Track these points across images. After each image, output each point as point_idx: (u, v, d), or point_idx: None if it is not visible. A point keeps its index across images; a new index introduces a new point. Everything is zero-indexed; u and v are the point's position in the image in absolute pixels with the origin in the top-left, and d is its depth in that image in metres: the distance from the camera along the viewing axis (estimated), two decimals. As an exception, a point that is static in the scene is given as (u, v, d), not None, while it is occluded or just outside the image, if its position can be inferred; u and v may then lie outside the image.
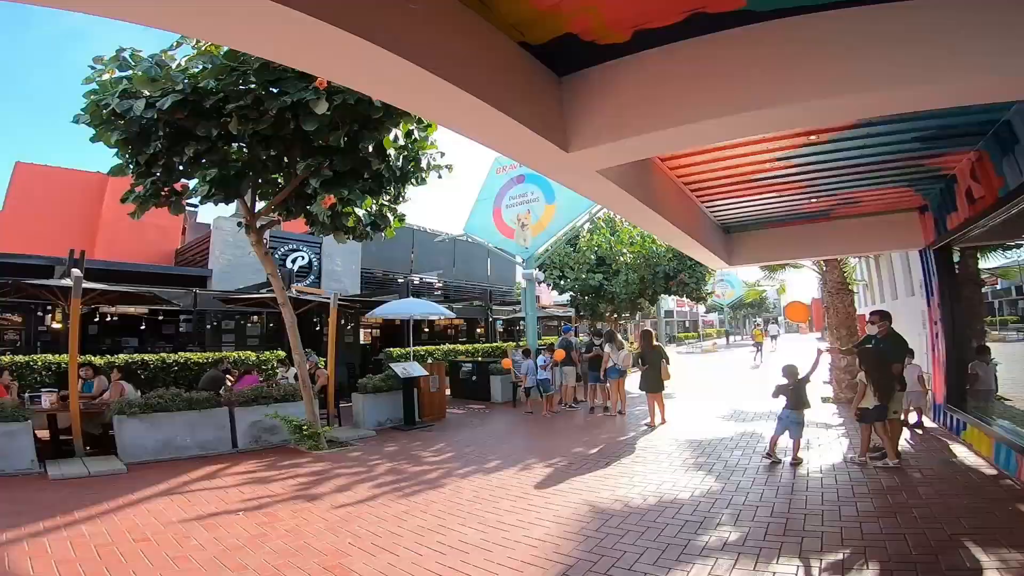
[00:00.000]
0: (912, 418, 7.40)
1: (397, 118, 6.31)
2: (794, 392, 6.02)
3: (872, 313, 6.58)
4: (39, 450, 6.33)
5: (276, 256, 16.48)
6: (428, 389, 9.95)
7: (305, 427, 7.38)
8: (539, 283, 14.91)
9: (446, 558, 3.84)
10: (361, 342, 16.62)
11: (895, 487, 4.97)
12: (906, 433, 6.87)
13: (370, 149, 6.36)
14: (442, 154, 7.61)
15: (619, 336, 10.42)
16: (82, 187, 20.14)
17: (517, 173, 14.41)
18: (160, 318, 14.59)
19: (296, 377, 7.99)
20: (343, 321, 13.21)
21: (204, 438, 7.08)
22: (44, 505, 4.95)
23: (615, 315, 19.29)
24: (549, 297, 29.78)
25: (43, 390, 7.27)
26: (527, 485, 5.66)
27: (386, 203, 7.34)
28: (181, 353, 9.65)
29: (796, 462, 5.88)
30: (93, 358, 8.59)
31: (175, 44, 6.01)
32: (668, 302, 43.78)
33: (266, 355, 10.46)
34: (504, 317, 20.65)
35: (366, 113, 5.94)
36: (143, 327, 14.50)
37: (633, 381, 10.69)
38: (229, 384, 8.25)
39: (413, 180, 7.38)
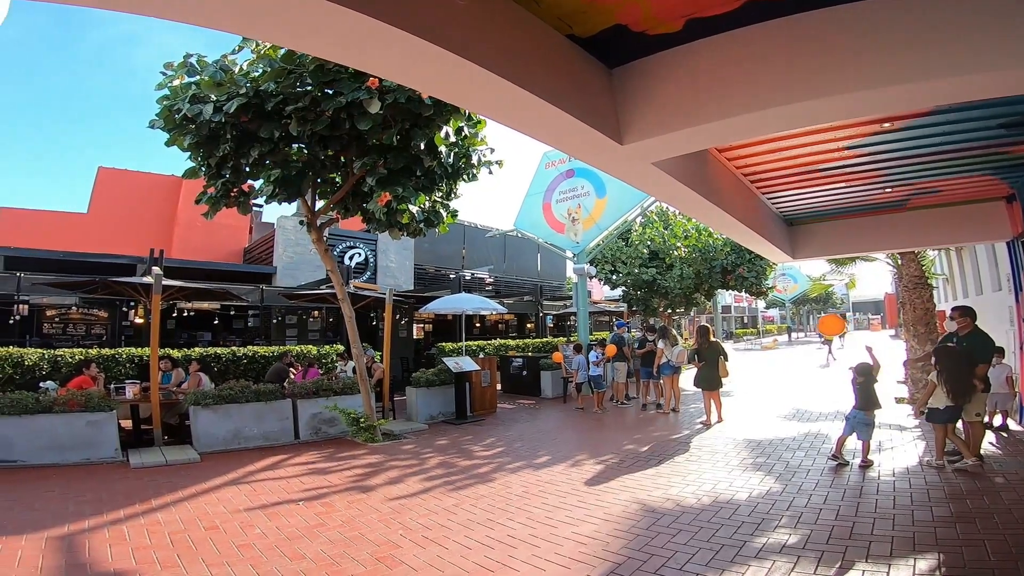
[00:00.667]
0: (997, 420, 6.94)
1: (447, 115, 6.38)
2: (862, 391, 5.70)
3: (953, 309, 6.10)
4: (122, 439, 6.72)
5: (335, 253, 17.11)
6: (479, 384, 10.05)
7: (362, 420, 7.61)
8: (590, 278, 14.73)
9: (493, 552, 3.86)
10: (414, 337, 17.00)
11: (975, 491, 4.64)
12: (990, 436, 6.41)
13: (422, 147, 6.48)
14: (492, 150, 7.65)
15: (673, 332, 10.17)
16: (159, 189, 21.60)
17: (567, 167, 14.30)
18: (232, 313, 15.42)
19: (354, 371, 8.25)
20: (398, 316, 13.54)
21: (269, 429, 7.41)
22: (124, 493, 5.24)
23: (668, 310, 18.80)
24: (600, 292, 29.44)
25: (127, 382, 7.74)
26: (577, 481, 5.63)
27: (438, 199, 7.46)
28: (249, 347, 10.16)
29: (865, 464, 5.59)
30: (171, 351, 9.18)
31: (236, 48, 6.30)
32: (725, 297, 42.40)
33: (326, 349, 10.86)
34: (554, 312, 20.58)
35: (417, 111, 6.04)
36: (216, 322, 15.37)
37: (688, 378, 10.42)
38: (292, 377, 8.62)
39: (464, 176, 7.46)
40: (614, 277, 17.63)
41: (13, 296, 10.27)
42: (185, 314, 15.02)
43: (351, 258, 17.03)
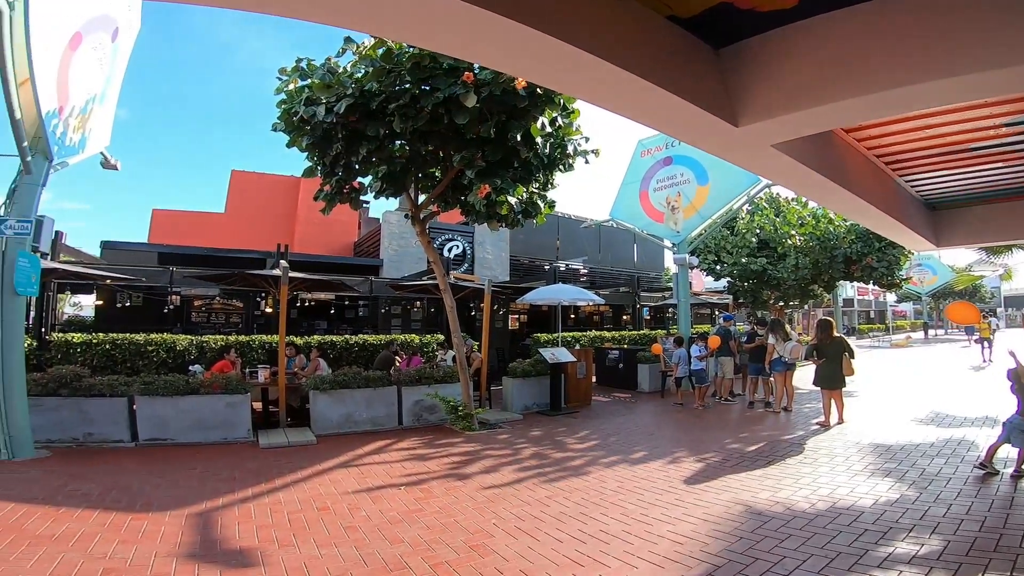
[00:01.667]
0: None
1: (542, 106, 6.37)
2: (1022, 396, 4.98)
3: None
4: (253, 420, 7.25)
5: (435, 245, 17.84)
6: (575, 375, 10.00)
7: (460, 408, 7.86)
8: (692, 268, 14.06)
9: (585, 546, 3.84)
10: (509, 328, 17.28)
11: None
12: None
13: (518, 138, 6.51)
14: (586, 139, 7.56)
15: (785, 325, 9.44)
16: (281, 189, 23.76)
17: (664, 155, 13.78)
18: (347, 303, 16.60)
19: (454, 359, 8.54)
20: (495, 307, 13.84)
21: (376, 414, 7.85)
22: (253, 472, 5.62)
23: (781, 303, 17.44)
24: (701, 283, 28.03)
25: (259, 366, 8.50)
26: (675, 479, 5.47)
27: (536, 190, 7.48)
28: (360, 335, 10.88)
29: (1018, 474, 4.92)
30: (295, 338, 10.05)
31: (340, 51, 6.63)
32: (847, 289, 38.57)
33: (427, 338, 11.35)
34: (652, 304, 19.92)
35: (512, 103, 6.09)
36: (332, 311, 16.62)
37: (802, 375, 9.64)
38: (398, 364, 9.10)
39: (560, 167, 7.42)
40: (718, 267, 16.71)
41: (166, 288, 11.81)
42: (305, 304, 16.39)
43: (450, 250, 17.63)
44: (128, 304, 12.33)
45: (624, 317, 20.17)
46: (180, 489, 4.98)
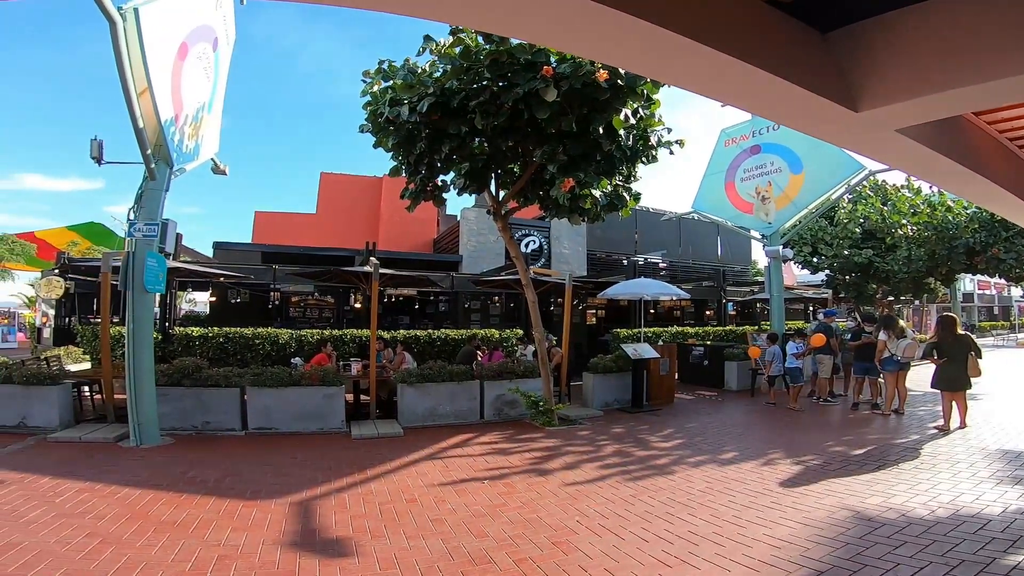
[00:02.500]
0: None
1: (624, 98, 6.23)
2: None
3: None
4: (346, 411, 7.48)
5: (514, 240, 18.00)
6: (657, 372, 9.73)
7: (541, 403, 7.86)
8: (786, 262, 13.22)
9: (673, 547, 3.74)
10: (585, 323, 17.09)
11: None
12: None
13: (600, 131, 6.41)
14: (669, 130, 7.31)
15: (900, 322, 8.65)
16: (366, 189, 24.96)
17: (751, 144, 13.08)
18: (429, 298, 17.16)
19: (534, 354, 8.58)
20: (575, 302, 13.76)
21: (459, 408, 8.00)
22: (347, 462, 5.80)
23: (890, 297, 15.98)
24: (792, 276, 26.30)
25: (351, 359, 8.95)
26: (770, 481, 5.21)
27: (619, 183, 7.34)
28: (442, 330, 11.22)
29: None
30: (382, 333, 10.54)
31: (420, 50, 6.77)
32: (966, 283, 34.68)
33: (506, 333, 11.50)
34: (739, 299, 18.95)
35: (593, 96, 6.00)
36: (416, 307, 17.24)
37: (916, 376, 8.81)
38: (479, 359, 9.28)
39: (643, 158, 7.23)
40: (815, 260, 15.61)
41: (268, 285, 12.79)
42: (389, 299, 17.12)
43: (526, 245, 17.72)
44: (238, 300, 13.49)
45: (707, 312, 19.34)
46: (283, 477, 5.26)
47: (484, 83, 6.24)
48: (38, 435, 6.44)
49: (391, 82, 6.98)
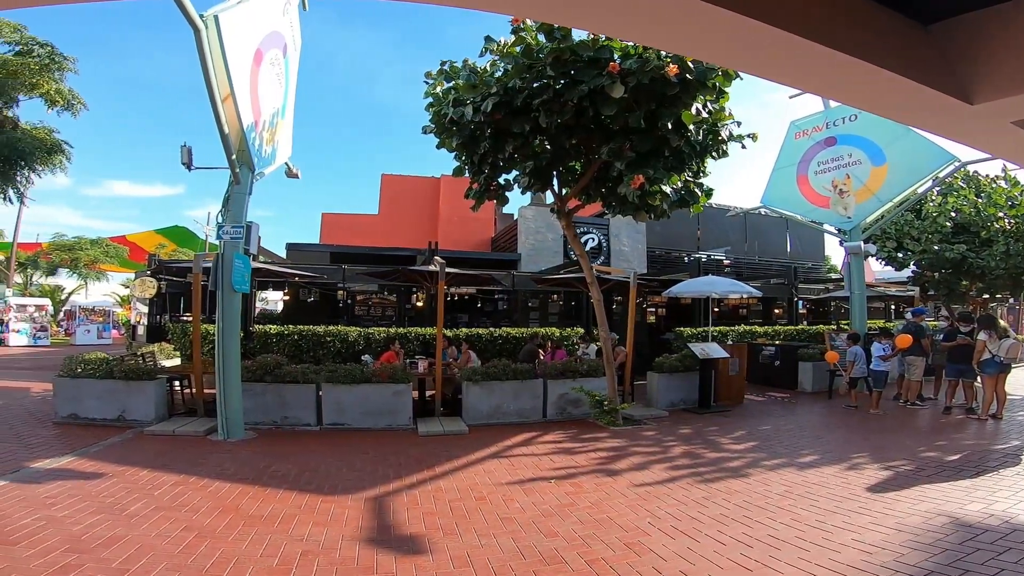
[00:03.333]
0: None
1: (694, 92, 6.07)
2: None
3: None
4: (413, 408, 7.73)
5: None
6: (726, 372, 9.43)
7: (605, 403, 7.78)
8: (868, 257, 12.48)
9: (752, 551, 3.65)
10: (646, 321, 16.74)
11: None
12: None
13: (668, 126, 6.28)
14: (739, 124, 7.04)
15: (1001, 322, 8.00)
16: (424, 190, 25.50)
17: (824, 135, 12.46)
18: (491, 296, 17.35)
19: (597, 353, 8.49)
20: (639, 300, 13.52)
21: (522, 406, 8.01)
22: (416, 459, 5.92)
23: (985, 295, 14.72)
24: (871, 273, 24.73)
25: (417, 357, 9.13)
26: (856, 486, 5.01)
27: (690, 179, 7.16)
28: (503, 328, 11.31)
29: None
30: (445, 331, 10.71)
31: (482, 51, 6.76)
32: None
33: (567, 331, 11.44)
34: (813, 297, 17.99)
35: (662, 91, 5.87)
36: (479, 305, 17.48)
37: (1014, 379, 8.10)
38: (542, 357, 9.27)
39: (713, 153, 7.01)
40: (900, 256, 14.59)
41: (336, 284, 13.33)
42: (450, 298, 17.42)
43: (585, 243, 17.54)
44: (312, 299, 14.15)
45: (776, 311, 18.48)
46: (357, 472, 5.41)
47: (546, 81, 6.22)
48: (136, 428, 6.87)
49: (453, 83, 7.06)
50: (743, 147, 7.07)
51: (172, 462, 5.58)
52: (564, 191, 8.22)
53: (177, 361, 10.01)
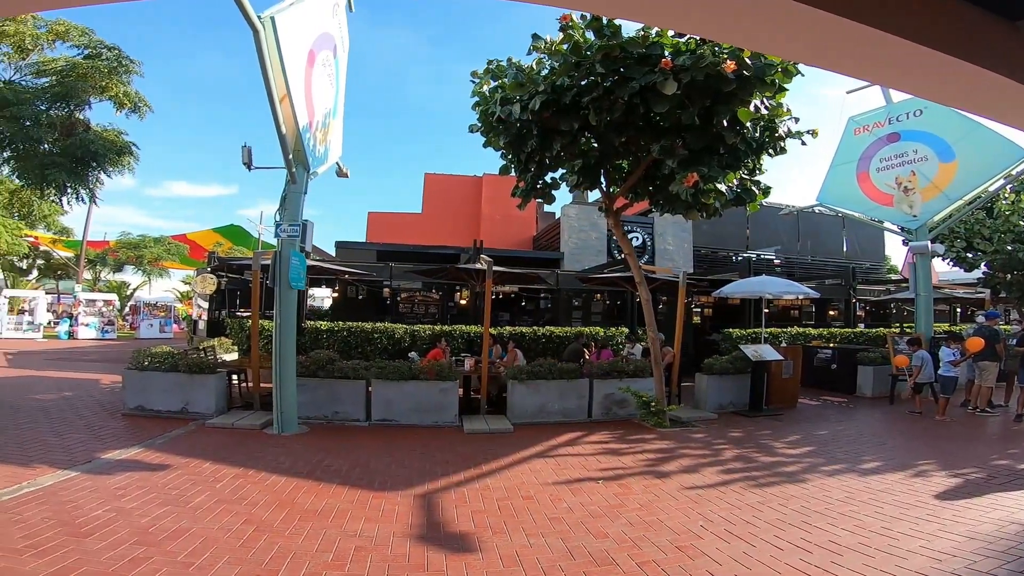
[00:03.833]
0: None
1: (751, 88, 5.90)
2: None
3: None
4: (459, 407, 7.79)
5: (614, 237, 17.66)
6: (779, 375, 9.15)
7: (653, 404, 7.67)
8: (935, 257, 11.87)
9: (812, 556, 3.56)
10: (691, 321, 16.31)
11: None
12: None
13: (724, 123, 6.12)
14: (796, 120, 6.80)
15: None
16: (466, 189, 25.74)
17: (887, 131, 11.97)
18: (538, 295, 17.33)
19: (644, 353, 8.37)
20: (688, 299, 13.25)
21: (567, 406, 7.97)
22: (463, 456, 5.95)
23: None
24: (935, 274, 23.41)
25: (463, 355, 9.19)
26: (922, 493, 4.86)
27: (745, 176, 6.96)
28: (547, 327, 11.26)
29: None
30: (490, 329, 10.71)
31: (530, 49, 6.74)
32: None
33: (611, 331, 11.30)
34: (873, 298, 17.18)
35: (717, 88, 5.73)
36: (524, 303, 17.48)
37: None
38: (587, 357, 9.20)
39: (770, 150, 6.78)
40: (970, 256, 13.78)
41: (382, 281, 13.61)
42: (494, 296, 17.46)
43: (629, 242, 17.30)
44: (361, 296, 14.50)
45: (831, 312, 17.74)
46: (405, 469, 5.48)
47: (595, 79, 6.14)
48: (198, 420, 7.15)
49: (499, 82, 7.06)
50: (803, 143, 6.80)
51: (232, 455, 5.77)
52: (612, 189, 8.12)
53: (235, 355, 10.40)
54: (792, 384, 9.44)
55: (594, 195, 19.69)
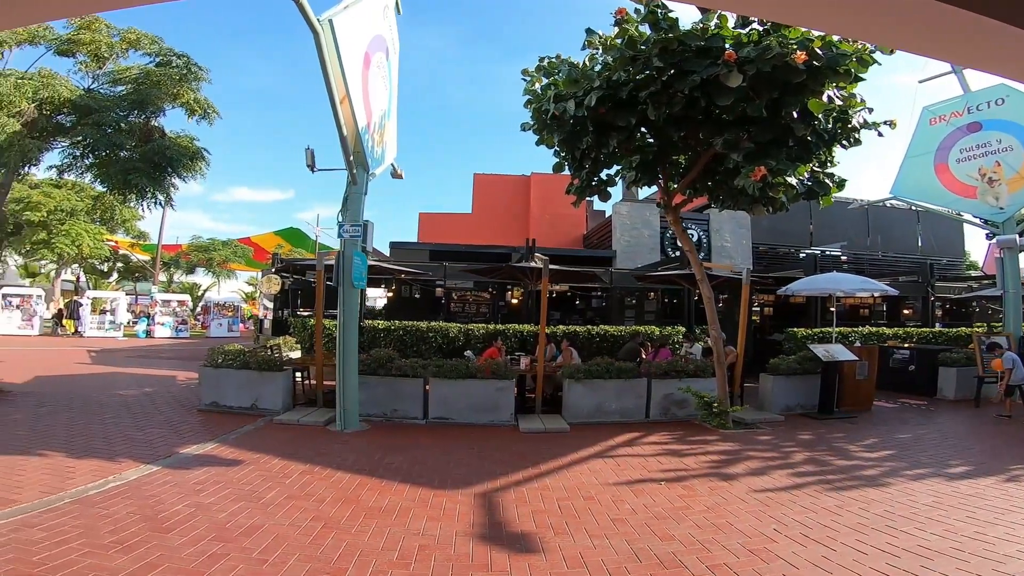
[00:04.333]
0: None
1: (823, 79, 5.65)
2: None
3: None
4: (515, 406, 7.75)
5: (668, 234, 17.25)
6: (852, 376, 8.72)
7: (715, 404, 7.45)
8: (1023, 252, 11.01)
9: (900, 560, 3.43)
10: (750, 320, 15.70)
11: None
12: None
13: (794, 115, 5.90)
14: (870, 110, 6.44)
15: None
16: (514, 188, 25.82)
17: (967, 120, 11.34)
18: (590, 293, 17.15)
19: (704, 353, 8.13)
20: (753, 297, 12.76)
21: (624, 405, 7.83)
22: (520, 456, 5.93)
23: None
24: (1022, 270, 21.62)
25: (517, 354, 9.19)
26: (1019, 499, 4.66)
27: (817, 169, 6.65)
28: (601, 326, 11.11)
29: None
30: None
31: (585, 43, 6.64)
32: None
33: (667, 330, 11.02)
34: (954, 296, 16.04)
35: (785, 79, 5.51)
36: (576, 301, 17.37)
37: None
38: (644, 356, 9.01)
39: (843, 141, 6.45)
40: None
41: (435, 281, 13.81)
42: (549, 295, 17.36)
43: (683, 239, 16.87)
44: (417, 296, 14.76)
45: (905, 311, 16.68)
46: (464, 468, 5.48)
47: (651, 73, 6.01)
48: (266, 416, 7.41)
49: (551, 79, 7.01)
50: (880, 135, 6.44)
51: (298, 451, 5.92)
52: (670, 186, 7.93)
53: (298, 353, 10.78)
54: (867, 386, 8.98)
55: (644, 192, 19.44)
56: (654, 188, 8.54)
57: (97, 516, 3.93)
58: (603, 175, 7.86)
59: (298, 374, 8.95)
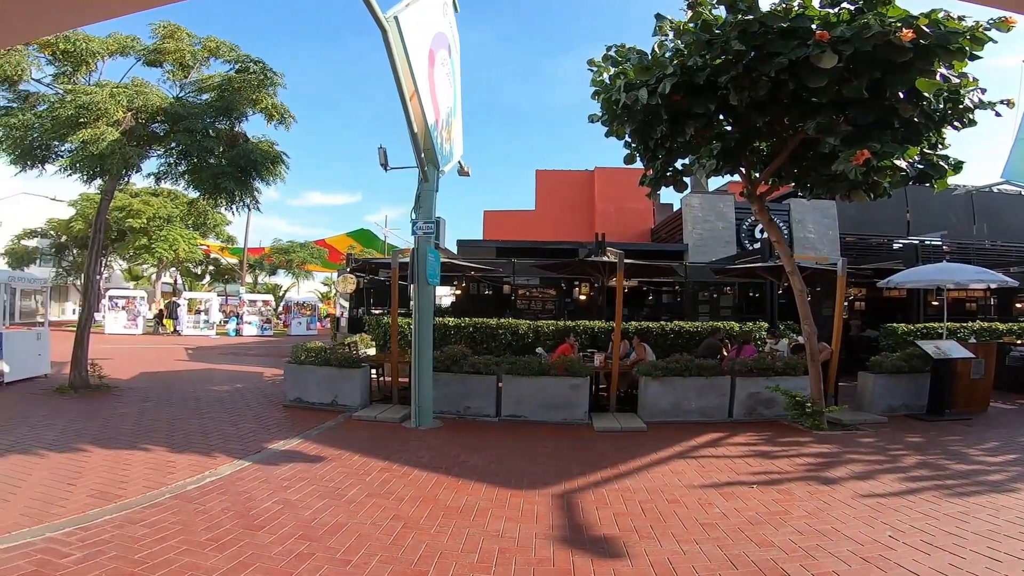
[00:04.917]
0: None
1: (932, 58, 5.13)
2: None
3: None
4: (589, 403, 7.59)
5: (744, 226, 16.42)
6: (966, 375, 7.91)
7: (808, 404, 6.98)
8: None
9: None
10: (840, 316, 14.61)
11: None
12: None
13: (899, 96, 5.41)
14: (984, 90, 5.80)
15: None
16: (577, 183, 25.50)
17: None
18: (661, 288, 16.63)
19: (793, 349, 7.64)
20: (819, 288, 11.89)
21: (705, 404, 7.48)
22: (597, 455, 5.80)
23: None
24: None
25: (590, 350, 8.97)
26: None
27: (928, 151, 6.08)
28: (676, 322, 10.66)
29: None
30: (609, 324, 10.41)
31: (656, 29, 6.37)
32: None
33: (748, 326, 10.42)
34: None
35: (888, 58, 5.04)
36: (651, 297, 16.90)
37: None
38: (725, 353, 8.56)
39: (957, 123, 5.86)
40: None
41: (502, 277, 13.82)
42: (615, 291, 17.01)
43: (761, 231, 15.97)
44: (488, 292, 14.85)
45: (1018, 304, 15.03)
46: (540, 467, 5.42)
47: (729, 57, 5.67)
48: (345, 413, 7.60)
49: (620, 68, 6.77)
50: (997, 115, 5.79)
51: (376, 447, 6.00)
52: (753, 174, 7.48)
53: (373, 351, 11.09)
54: (983, 385, 8.13)
55: (714, 183, 18.58)
56: (725, 179, 8.12)
57: (194, 512, 4.07)
58: (678, 165, 7.52)
59: (373, 371, 9.16)
